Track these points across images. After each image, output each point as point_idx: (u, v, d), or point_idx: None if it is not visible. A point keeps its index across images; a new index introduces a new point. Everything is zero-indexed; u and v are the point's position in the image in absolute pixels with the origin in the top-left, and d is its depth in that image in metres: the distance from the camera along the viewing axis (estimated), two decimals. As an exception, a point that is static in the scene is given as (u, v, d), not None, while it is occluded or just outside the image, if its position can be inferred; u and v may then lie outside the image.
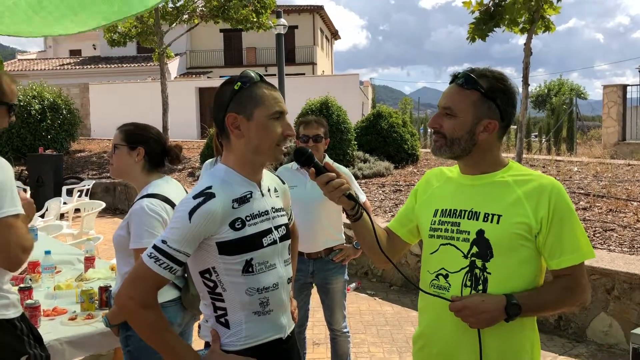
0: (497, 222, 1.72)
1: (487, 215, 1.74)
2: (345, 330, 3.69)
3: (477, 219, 1.75)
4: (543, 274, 1.80)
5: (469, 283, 1.73)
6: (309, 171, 1.80)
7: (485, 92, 1.73)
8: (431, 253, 1.86)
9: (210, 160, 3.78)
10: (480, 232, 1.73)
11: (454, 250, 1.78)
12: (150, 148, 2.56)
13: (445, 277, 1.79)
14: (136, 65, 30.21)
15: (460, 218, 1.79)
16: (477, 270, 1.73)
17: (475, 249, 1.74)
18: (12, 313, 2.13)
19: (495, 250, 1.71)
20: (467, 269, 1.74)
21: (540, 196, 1.71)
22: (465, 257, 1.76)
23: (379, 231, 1.95)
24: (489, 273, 1.71)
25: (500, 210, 1.73)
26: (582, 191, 7.49)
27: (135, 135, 2.55)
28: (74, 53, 35.52)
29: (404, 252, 2.15)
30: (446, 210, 1.84)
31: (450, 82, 1.82)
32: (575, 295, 1.74)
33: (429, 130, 1.88)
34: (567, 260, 1.71)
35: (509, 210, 1.72)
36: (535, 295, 1.71)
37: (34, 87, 16.95)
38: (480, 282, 1.72)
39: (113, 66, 29.97)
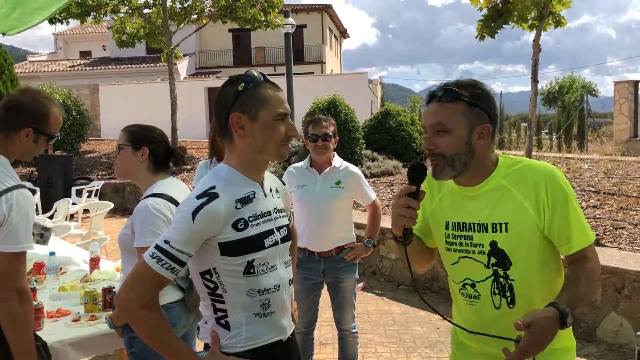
0: (506, 231, 1.74)
1: (494, 225, 1.76)
2: (354, 330, 3.67)
3: (486, 231, 1.77)
4: (561, 264, 1.84)
5: (497, 291, 1.78)
6: (410, 186, 1.77)
7: (470, 100, 1.73)
8: (452, 264, 1.89)
9: (204, 161, 3.77)
10: (494, 244, 1.76)
11: (474, 262, 1.81)
12: (155, 148, 2.56)
13: (473, 286, 1.82)
14: (146, 65, 30.35)
15: (472, 231, 1.81)
16: (501, 279, 1.77)
17: (493, 260, 1.77)
18: None
19: (513, 258, 1.74)
20: (492, 277, 1.78)
21: (537, 190, 1.72)
22: (487, 267, 1.79)
23: (419, 247, 1.99)
24: (513, 280, 1.75)
25: (505, 218, 1.75)
26: (592, 189, 7.41)
27: (140, 135, 2.56)
28: (84, 54, 35.75)
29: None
30: (456, 223, 1.85)
31: (428, 102, 1.81)
32: (597, 272, 1.75)
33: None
34: (577, 245, 1.72)
35: (513, 215, 1.74)
36: (572, 293, 1.68)
37: (45, 88, 17.06)
38: (507, 289, 1.77)
39: (123, 67, 30.13)
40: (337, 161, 3.56)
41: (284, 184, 2.07)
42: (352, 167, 3.60)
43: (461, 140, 1.73)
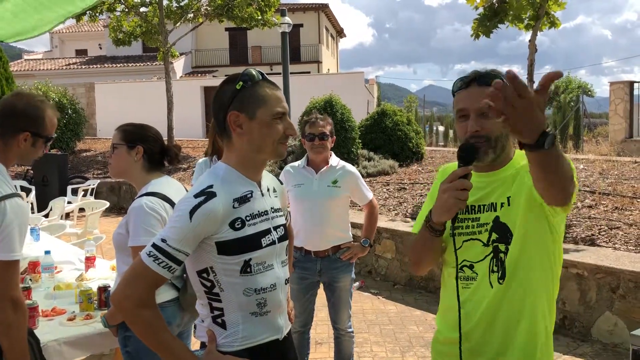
0: (509, 205, 1.76)
1: (502, 203, 1.78)
2: (349, 330, 3.67)
3: (494, 210, 1.80)
4: (561, 245, 1.83)
5: (495, 269, 1.78)
6: (466, 167, 1.68)
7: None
8: (455, 250, 1.84)
9: (203, 159, 3.77)
10: (496, 219, 1.78)
11: (476, 243, 1.82)
12: (149, 146, 2.55)
13: (470, 267, 1.82)
14: (142, 64, 30.29)
15: (480, 213, 1.82)
16: (502, 255, 1.77)
17: (495, 235, 1.78)
18: None
19: (514, 231, 1.75)
20: (491, 255, 1.78)
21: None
22: (486, 245, 1.79)
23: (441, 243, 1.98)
24: (512, 254, 1.76)
25: (509, 194, 1.78)
26: (587, 189, 7.43)
27: (134, 134, 2.55)
28: (80, 53, 35.65)
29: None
30: (466, 207, 1.82)
31: (465, 87, 1.80)
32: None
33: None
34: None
35: (516, 189, 1.76)
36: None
37: (40, 87, 17.01)
38: (505, 264, 1.76)
39: (119, 65, 30.06)
40: (334, 160, 3.56)
41: (281, 183, 2.07)
42: (349, 167, 3.60)
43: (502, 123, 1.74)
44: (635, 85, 15.34)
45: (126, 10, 17.05)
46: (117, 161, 2.56)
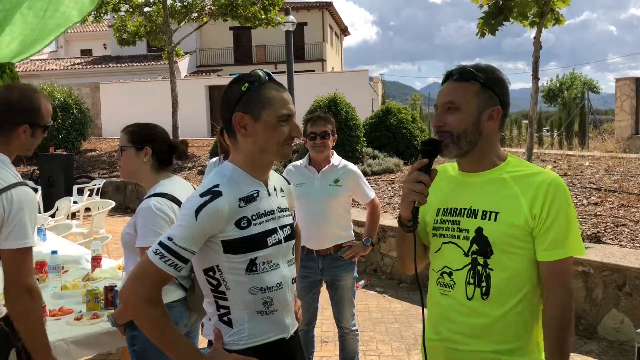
0: (495, 220, 1.73)
1: (485, 212, 1.76)
2: (354, 328, 3.67)
3: (475, 217, 1.77)
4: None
5: (472, 280, 1.75)
6: (422, 160, 1.77)
7: (484, 82, 1.75)
8: (435, 252, 1.88)
9: (214, 159, 3.78)
10: (479, 230, 1.75)
11: (456, 249, 1.80)
12: (157, 146, 2.56)
13: (449, 274, 1.81)
14: (146, 64, 30.35)
15: (460, 216, 1.80)
16: (480, 267, 1.75)
17: (475, 247, 1.76)
18: None
19: (495, 248, 1.73)
20: (470, 266, 1.76)
21: (537, 191, 1.71)
22: (466, 255, 1.77)
23: (419, 242, 1.97)
24: (492, 269, 1.74)
25: (497, 207, 1.75)
26: (593, 186, 7.41)
27: (141, 135, 2.55)
28: (85, 53, 35.75)
29: None
30: (447, 209, 1.85)
31: (444, 81, 1.83)
32: (566, 307, 1.70)
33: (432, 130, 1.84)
34: (552, 255, 1.70)
35: (506, 207, 1.74)
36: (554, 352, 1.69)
37: (45, 87, 17.06)
38: (484, 278, 1.74)
39: (124, 65, 30.12)
40: (336, 159, 3.56)
41: (289, 183, 2.08)
42: (351, 166, 3.60)
43: (469, 119, 1.74)
44: (641, 81, 15.28)
45: (130, 10, 17.09)
46: (127, 163, 2.56)
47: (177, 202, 2.45)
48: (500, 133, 1.84)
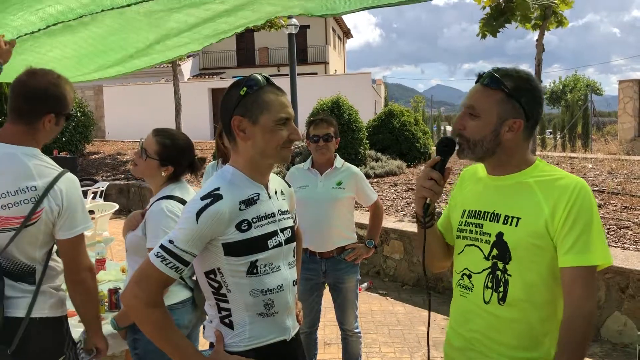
0: (516, 225, 1.71)
1: (507, 217, 1.74)
2: (356, 330, 3.68)
3: (497, 221, 1.76)
4: None
5: (490, 285, 1.75)
6: (436, 157, 1.80)
7: (510, 92, 1.72)
8: (458, 253, 1.89)
9: (212, 163, 3.80)
10: (500, 235, 1.74)
11: (477, 251, 1.80)
12: (180, 168, 2.60)
13: (469, 277, 1.82)
14: (150, 66, 30.36)
15: (483, 220, 1.80)
16: (499, 272, 1.74)
17: (495, 251, 1.75)
18: (61, 312, 2.29)
19: (514, 254, 1.71)
20: (489, 270, 1.76)
21: (560, 196, 1.67)
22: (487, 258, 1.77)
23: (439, 240, 1.99)
24: (510, 275, 1.72)
25: (519, 213, 1.72)
26: (596, 188, 7.40)
27: (170, 155, 2.56)
28: (89, 56, 35.79)
29: None
30: (472, 211, 1.85)
31: (476, 82, 1.81)
32: (580, 319, 1.61)
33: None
34: (571, 260, 1.64)
35: (528, 212, 1.71)
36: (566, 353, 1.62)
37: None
38: (502, 284, 1.73)
39: (127, 68, 30.15)
40: (339, 162, 3.58)
41: (289, 186, 2.09)
42: (353, 168, 3.62)
43: (488, 128, 1.73)
44: (645, 83, 15.25)
45: (134, 13, 17.11)
46: (145, 169, 2.58)
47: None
48: (528, 142, 1.80)
